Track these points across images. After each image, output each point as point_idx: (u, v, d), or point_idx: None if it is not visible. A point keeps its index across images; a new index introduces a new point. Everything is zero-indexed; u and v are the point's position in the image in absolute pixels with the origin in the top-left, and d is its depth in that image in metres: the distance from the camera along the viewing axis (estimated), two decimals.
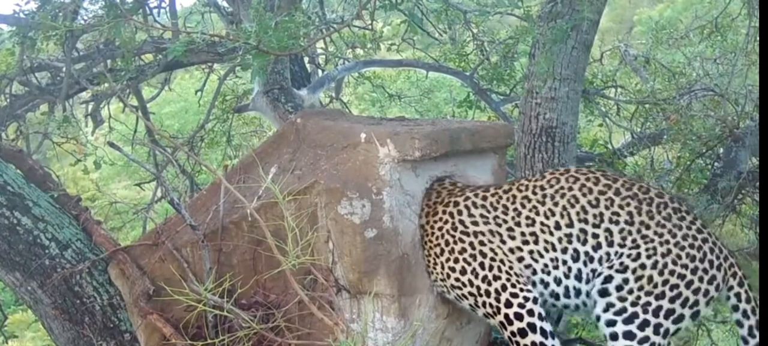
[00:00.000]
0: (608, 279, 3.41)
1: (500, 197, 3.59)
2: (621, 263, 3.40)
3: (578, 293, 3.49)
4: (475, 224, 3.57)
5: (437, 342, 3.75)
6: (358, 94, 9.77)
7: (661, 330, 3.37)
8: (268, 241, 3.55)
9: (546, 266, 3.49)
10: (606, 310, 3.40)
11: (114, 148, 4.47)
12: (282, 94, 6.07)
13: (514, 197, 3.57)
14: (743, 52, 5.81)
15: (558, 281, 3.49)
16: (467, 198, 3.61)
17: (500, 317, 3.47)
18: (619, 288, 3.39)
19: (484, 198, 3.60)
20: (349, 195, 3.52)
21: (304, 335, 3.68)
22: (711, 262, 3.40)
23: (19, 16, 4.96)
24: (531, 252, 3.50)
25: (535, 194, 3.54)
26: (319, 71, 7.40)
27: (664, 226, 3.41)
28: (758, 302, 3.46)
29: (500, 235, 3.54)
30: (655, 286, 3.36)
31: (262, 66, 3.98)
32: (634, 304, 3.37)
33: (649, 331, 3.35)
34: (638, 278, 3.37)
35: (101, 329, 4.33)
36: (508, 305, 3.46)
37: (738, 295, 3.47)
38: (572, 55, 4.95)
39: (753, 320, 3.46)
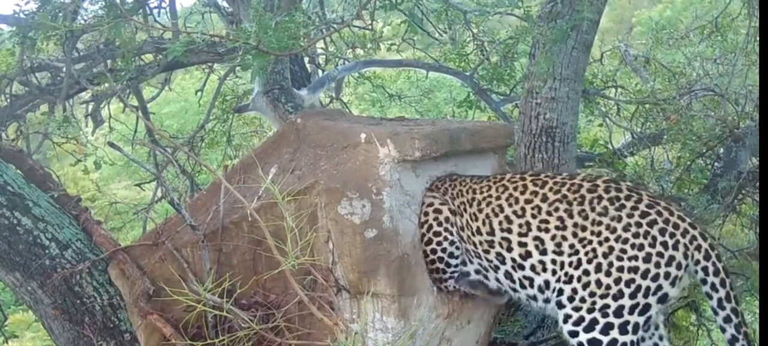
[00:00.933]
0: (560, 292, 3.40)
1: (444, 182, 3.77)
2: (566, 274, 3.39)
3: (513, 290, 3.60)
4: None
5: (437, 342, 3.75)
6: (358, 94, 9.77)
7: (629, 327, 3.29)
8: (268, 241, 3.55)
9: (468, 251, 3.67)
10: (565, 321, 3.38)
11: (114, 148, 4.46)
12: (282, 94, 6.07)
13: (454, 186, 3.74)
14: (743, 52, 5.80)
15: (485, 269, 3.65)
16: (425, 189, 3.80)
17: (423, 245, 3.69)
18: (570, 299, 3.36)
19: (431, 187, 3.78)
20: (349, 195, 3.52)
21: (304, 335, 3.68)
22: (664, 243, 3.30)
23: (19, 16, 4.97)
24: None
25: (466, 194, 3.69)
26: (319, 71, 7.40)
27: (600, 223, 3.36)
28: (745, 292, 3.40)
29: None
30: (608, 288, 3.30)
31: (262, 66, 3.97)
32: (590, 310, 3.32)
33: (614, 333, 3.29)
34: (585, 285, 3.33)
35: (101, 329, 4.33)
36: (429, 241, 3.67)
37: (705, 269, 3.33)
38: (572, 55, 4.94)
39: (722, 293, 3.33)
